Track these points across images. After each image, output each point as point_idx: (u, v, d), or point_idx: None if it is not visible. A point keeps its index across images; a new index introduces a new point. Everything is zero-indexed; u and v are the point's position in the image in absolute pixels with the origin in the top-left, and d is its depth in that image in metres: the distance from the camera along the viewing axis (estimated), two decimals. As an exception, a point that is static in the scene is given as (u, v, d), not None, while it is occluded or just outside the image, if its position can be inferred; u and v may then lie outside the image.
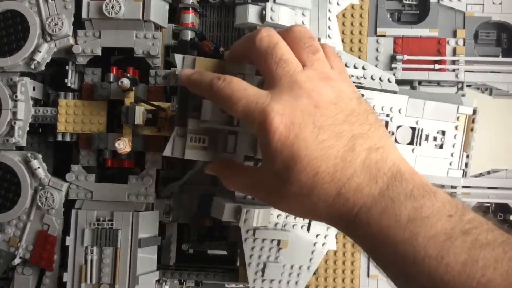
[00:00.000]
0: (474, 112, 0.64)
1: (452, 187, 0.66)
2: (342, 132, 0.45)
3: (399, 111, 0.62)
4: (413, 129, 0.62)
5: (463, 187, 0.66)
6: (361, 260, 0.66)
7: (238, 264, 0.70)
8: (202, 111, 0.56)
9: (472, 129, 0.63)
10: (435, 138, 0.63)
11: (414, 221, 0.41)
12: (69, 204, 0.70)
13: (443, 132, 0.63)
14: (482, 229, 0.40)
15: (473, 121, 0.64)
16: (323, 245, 0.64)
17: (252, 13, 0.60)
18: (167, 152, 0.59)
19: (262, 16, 0.60)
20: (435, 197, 0.42)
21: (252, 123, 0.46)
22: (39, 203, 0.69)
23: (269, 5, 0.60)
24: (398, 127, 0.63)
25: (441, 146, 0.63)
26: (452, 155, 0.63)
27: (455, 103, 0.63)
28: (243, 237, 0.65)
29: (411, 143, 0.63)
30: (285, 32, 0.50)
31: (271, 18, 0.60)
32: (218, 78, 0.49)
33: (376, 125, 0.47)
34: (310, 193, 0.44)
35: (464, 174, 0.64)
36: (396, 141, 0.63)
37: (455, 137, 0.63)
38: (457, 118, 0.63)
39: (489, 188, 0.67)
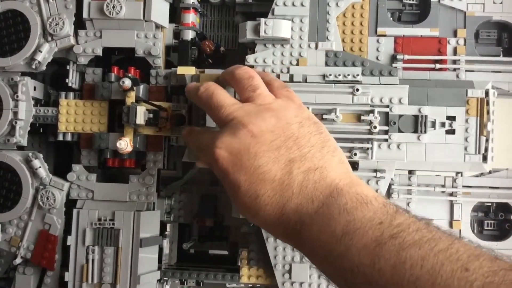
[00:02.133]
0: (487, 94, 0.63)
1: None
2: (279, 157, 0.49)
3: (400, 101, 0.63)
4: (416, 117, 0.63)
5: (464, 186, 0.66)
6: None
7: (239, 264, 0.70)
8: (207, 119, 0.64)
9: (488, 112, 0.63)
10: (443, 124, 0.63)
11: (347, 234, 0.43)
12: (70, 204, 0.70)
13: (453, 118, 0.63)
14: (409, 230, 0.42)
15: (487, 103, 0.63)
16: None
17: (250, 30, 0.65)
18: (185, 158, 0.66)
19: (258, 31, 0.64)
20: (367, 207, 0.45)
21: (208, 160, 0.53)
22: (40, 203, 0.69)
23: (263, 20, 0.64)
24: (400, 116, 0.63)
25: (453, 132, 0.63)
26: (466, 139, 0.63)
27: (464, 87, 0.64)
28: (264, 236, 0.66)
29: (415, 131, 0.63)
30: (229, 78, 0.57)
31: (265, 32, 0.64)
32: (187, 134, 0.61)
33: (318, 146, 0.50)
34: (256, 213, 0.49)
35: (484, 158, 0.63)
36: (399, 130, 0.63)
37: (467, 121, 0.63)
38: (467, 102, 0.63)
39: (490, 187, 0.67)
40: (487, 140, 0.64)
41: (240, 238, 0.71)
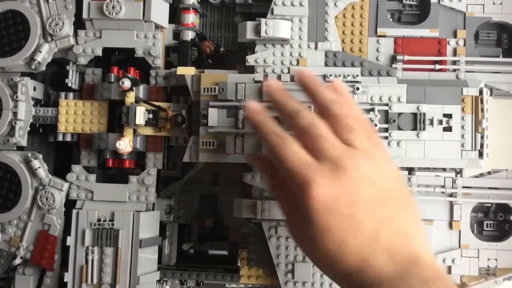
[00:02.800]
0: (481, 92, 0.65)
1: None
2: (374, 210, 0.48)
3: (399, 99, 0.64)
4: (414, 115, 0.63)
5: (463, 187, 0.66)
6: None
7: (238, 264, 0.70)
8: (209, 119, 0.64)
9: (482, 110, 0.64)
10: (440, 122, 0.64)
11: None
12: (69, 204, 0.70)
13: (450, 115, 0.64)
14: None
15: (481, 101, 0.64)
16: None
17: (249, 30, 0.65)
18: (186, 158, 0.66)
19: (258, 31, 0.64)
20: (443, 281, 0.46)
21: (294, 182, 0.50)
22: (40, 203, 0.69)
23: (263, 20, 0.64)
24: (400, 114, 0.64)
25: (449, 129, 0.64)
26: (463, 136, 0.64)
27: (459, 86, 0.65)
28: (266, 236, 0.66)
29: (414, 128, 0.64)
30: (326, 110, 0.53)
31: (265, 32, 0.64)
32: (278, 136, 0.53)
33: (406, 209, 0.51)
34: (334, 260, 0.48)
35: (480, 154, 0.64)
36: (399, 128, 0.64)
37: (463, 118, 0.64)
38: (463, 100, 0.64)
39: (489, 188, 0.67)
40: (482, 137, 0.64)
41: (240, 238, 0.71)
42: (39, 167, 0.70)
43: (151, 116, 0.67)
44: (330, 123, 0.52)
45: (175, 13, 0.74)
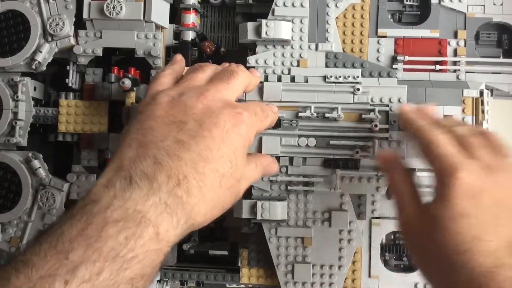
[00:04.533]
0: (481, 94, 0.65)
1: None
2: None
3: (399, 100, 0.64)
4: None
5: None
6: (363, 260, 0.66)
7: (239, 264, 0.70)
8: None
9: (482, 111, 0.65)
10: None
11: None
12: (70, 204, 0.70)
13: (450, 116, 0.64)
14: None
15: (482, 103, 0.65)
16: (349, 241, 0.65)
17: (250, 31, 0.65)
18: None
19: (258, 32, 0.64)
20: None
21: (442, 166, 0.48)
22: (40, 203, 0.69)
23: (264, 21, 0.64)
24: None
25: None
26: None
27: (460, 87, 0.65)
28: (266, 236, 0.66)
29: None
30: (478, 138, 0.52)
31: (266, 33, 0.64)
32: (431, 127, 0.53)
33: None
34: (462, 251, 0.45)
35: None
36: (399, 129, 0.64)
37: (463, 120, 0.64)
38: (463, 101, 0.65)
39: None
40: None
41: (240, 239, 0.71)
42: (40, 167, 0.70)
43: (151, 116, 0.66)
44: (483, 145, 0.51)
45: (176, 13, 0.74)
